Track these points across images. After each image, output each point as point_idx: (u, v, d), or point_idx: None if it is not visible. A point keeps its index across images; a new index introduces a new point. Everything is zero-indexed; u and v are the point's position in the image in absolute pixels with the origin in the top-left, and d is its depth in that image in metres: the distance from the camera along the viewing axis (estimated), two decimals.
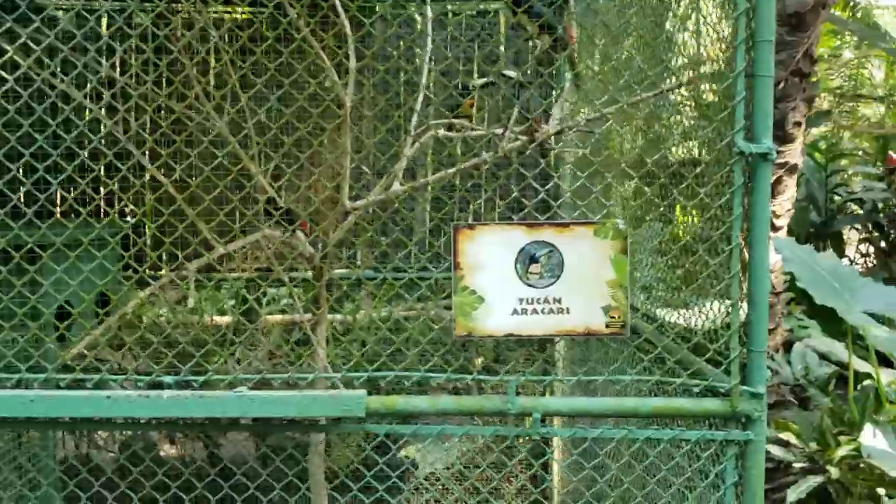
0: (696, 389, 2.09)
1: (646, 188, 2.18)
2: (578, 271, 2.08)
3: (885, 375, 3.81)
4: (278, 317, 4.43)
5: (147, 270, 3.79)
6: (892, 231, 7.67)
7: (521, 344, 4.36)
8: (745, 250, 2.00)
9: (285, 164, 2.52)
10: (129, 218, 4.22)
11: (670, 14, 2.62)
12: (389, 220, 4.39)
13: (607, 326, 2.09)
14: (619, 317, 2.08)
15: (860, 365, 4.08)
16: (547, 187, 2.36)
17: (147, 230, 4.32)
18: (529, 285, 2.08)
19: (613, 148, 3.04)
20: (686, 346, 2.18)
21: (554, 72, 3.79)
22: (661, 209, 2.40)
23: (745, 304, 2.00)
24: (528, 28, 2.72)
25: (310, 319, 2.73)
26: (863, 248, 8.49)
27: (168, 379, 2.01)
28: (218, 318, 4.29)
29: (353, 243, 4.43)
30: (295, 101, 2.13)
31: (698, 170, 2.19)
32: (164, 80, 3.95)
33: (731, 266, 1.98)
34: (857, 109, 11.02)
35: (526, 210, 2.34)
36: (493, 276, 2.09)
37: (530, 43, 4.10)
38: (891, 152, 7.96)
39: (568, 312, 2.08)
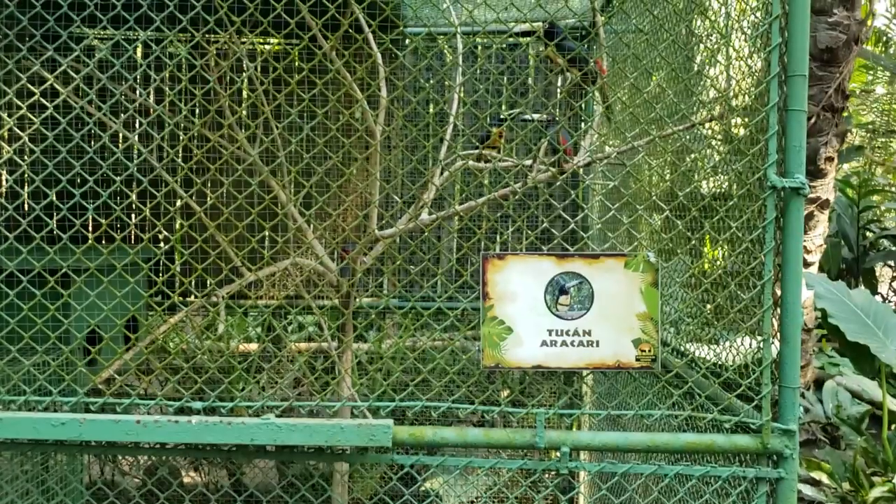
0: (726, 425, 2.06)
1: (677, 221, 2.17)
2: (608, 303, 2.06)
3: None
4: (304, 344, 4.45)
5: (176, 296, 3.83)
6: None
7: (547, 377, 4.33)
8: (776, 285, 1.98)
9: (316, 193, 2.54)
10: (161, 244, 4.27)
11: (701, 47, 2.63)
12: (418, 249, 4.41)
13: (637, 360, 2.07)
14: (649, 350, 2.06)
15: (894, 404, 4.01)
16: (577, 218, 2.36)
17: (177, 256, 4.37)
18: (559, 317, 2.07)
19: (643, 180, 3.03)
20: (717, 382, 2.15)
21: (584, 104, 3.80)
22: (692, 243, 2.38)
23: (776, 340, 1.98)
24: (559, 62, 2.73)
25: (336, 347, 2.74)
26: None
27: (196, 405, 2.01)
28: (245, 345, 4.31)
29: (381, 272, 4.45)
30: (327, 131, 2.15)
31: (730, 203, 2.18)
32: (198, 108, 4.02)
33: (764, 301, 1.95)
34: (890, 145, 10.92)
35: (555, 241, 2.33)
36: (521, 307, 2.08)
37: (559, 77, 4.12)
38: None
39: (598, 345, 2.07)
